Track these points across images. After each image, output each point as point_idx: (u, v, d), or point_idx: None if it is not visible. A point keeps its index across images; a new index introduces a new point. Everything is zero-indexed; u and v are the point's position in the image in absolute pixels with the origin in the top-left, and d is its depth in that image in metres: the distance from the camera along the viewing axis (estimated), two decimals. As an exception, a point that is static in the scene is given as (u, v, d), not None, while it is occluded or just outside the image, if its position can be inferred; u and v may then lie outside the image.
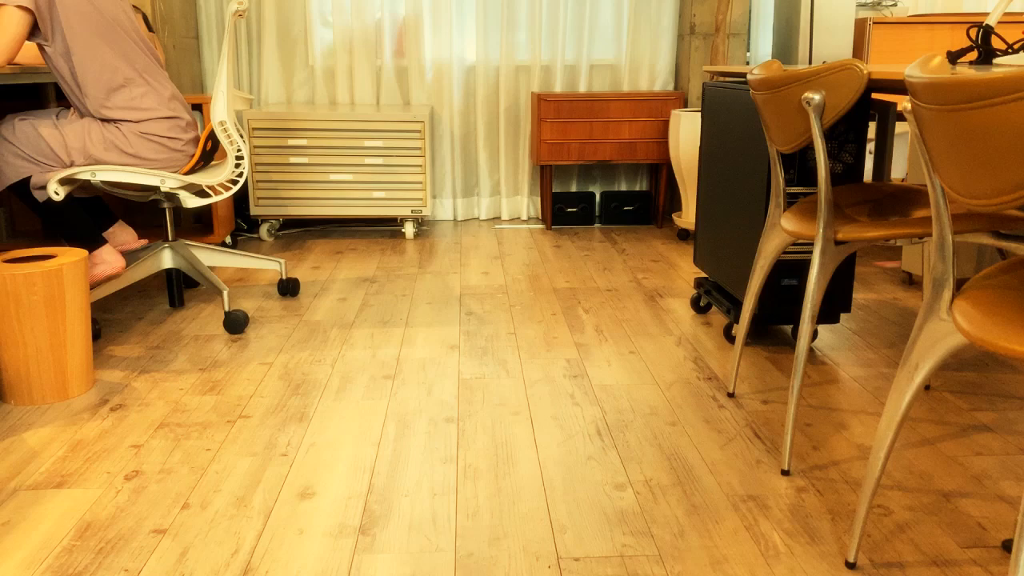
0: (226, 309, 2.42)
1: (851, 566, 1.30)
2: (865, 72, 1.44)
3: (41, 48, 2.24)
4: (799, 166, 2.09)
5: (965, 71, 0.96)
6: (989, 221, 1.47)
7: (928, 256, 1.18)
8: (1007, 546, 1.35)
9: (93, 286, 2.38)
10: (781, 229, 1.74)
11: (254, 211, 3.69)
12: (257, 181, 3.65)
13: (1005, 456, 1.66)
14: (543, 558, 1.32)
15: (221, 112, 2.36)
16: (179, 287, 2.68)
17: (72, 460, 1.65)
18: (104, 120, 2.30)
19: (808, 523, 1.42)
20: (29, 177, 2.28)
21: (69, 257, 1.96)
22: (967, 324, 1.06)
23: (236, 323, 2.41)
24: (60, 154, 2.27)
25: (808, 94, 1.50)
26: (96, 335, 2.38)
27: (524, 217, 4.18)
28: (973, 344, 1.06)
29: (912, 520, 1.43)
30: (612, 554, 1.33)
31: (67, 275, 1.92)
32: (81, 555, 1.33)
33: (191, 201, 2.40)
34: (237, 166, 2.47)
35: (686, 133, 3.50)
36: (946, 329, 1.13)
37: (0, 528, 1.41)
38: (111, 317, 2.57)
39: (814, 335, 2.36)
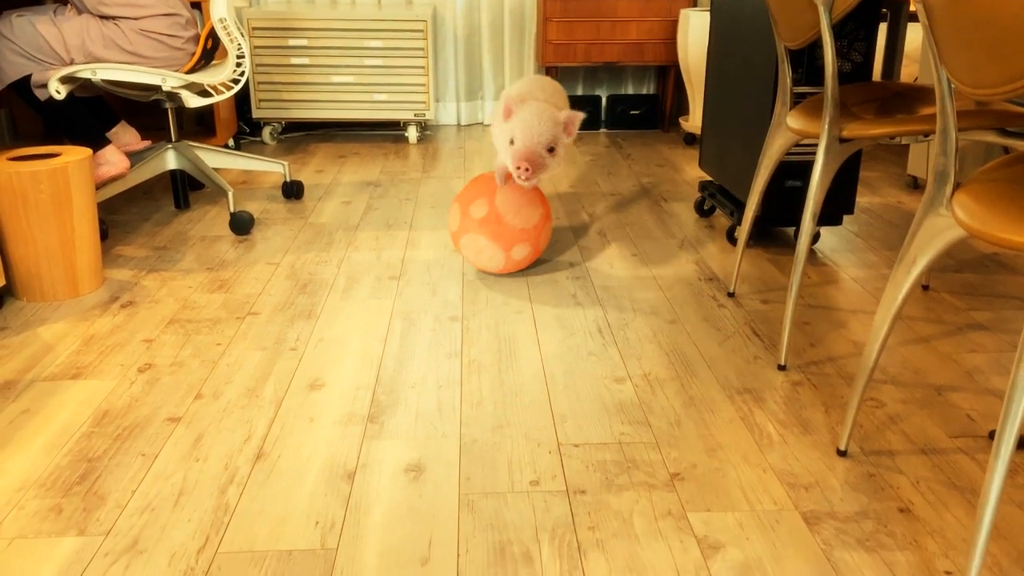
0: (231, 210, 2.43)
1: (842, 454, 1.35)
2: (877, -37, 1.40)
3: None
4: (807, 65, 2.07)
5: (977, -44, 0.94)
6: (995, 118, 1.46)
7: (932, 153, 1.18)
8: (993, 435, 1.40)
9: (98, 187, 2.39)
10: (786, 128, 1.73)
11: (256, 114, 3.65)
12: (258, 83, 3.61)
13: (998, 353, 1.69)
14: (544, 444, 1.37)
15: (221, 9, 2.32)
16: (184, 188, 2.68)
17: (86, 353, 1.69)
18: (102, 17, 2.26)
19: (802, 414, 1.47)
20: (29, 76, 2.26)
21: (74, 155, 1.97)
22: (966, 217, 1.07)
23: (242, 224, 2.42)
24: (59, 51, 2.24)
25: (818, -13, 1.47)
26: (103, 235, 2.40)
27: (529, 121, 4.14)
28: (971, 236, 1.07)
29: (903, 412, 1.47)
30: (610, 441, 1.38)
31: (72, 173, 1.93)
32: (100, 440, 1.38)
33: (193, 101, 2.39)
34: (238, 65, 2.44)
35: (695, 33, 3.43)
36: (945, 223, 1.14)
37: (21, 416, 1.46)
38: (117, 218, 2.59)
39: (816, 237, 2.37)
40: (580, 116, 1.88)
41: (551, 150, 1.86)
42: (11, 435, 1.40)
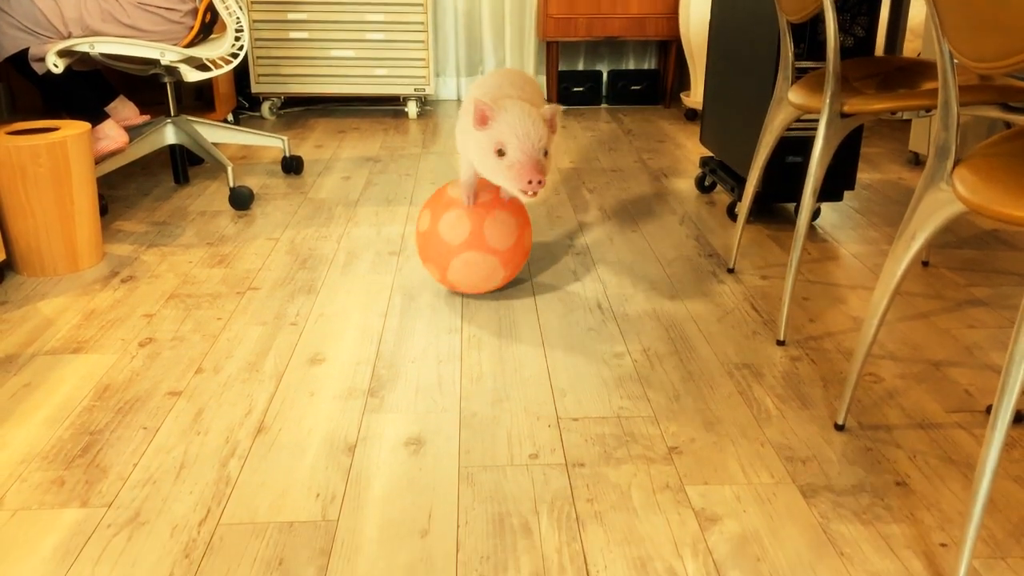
0: (231, 185, 2.42)
1: (840, 428, 1.35)
2: (881, -65, 1.39)
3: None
4: (809, 40, 2.05)
5: (981, -73, 0.93)
6: (997, 93, 1.45)
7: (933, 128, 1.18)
8: (991, 410, 1.40)
9: (97, 161, 2.38)
10: (788, 103, 1.72)
11: (255, 88, 3.64)
12: (257, 57, 3.59)
13: (997, 329, 1.69)
14: (543, 418, 1.38)
15: (218, -19, 2.30)
16: (183, 164, 2.68)
17: (87, 328, 1.69)
18: (99, -11, 2.24)
19: (800, 389, 1.47)
20: (27, 49, 2.25)
21: (73, 129, 1.96)
22: (966, 191, 1.07)
23: (241, 199, 2.42)
24: (56, 24, 2.22)
25: (821, -41, 1.46)
26: (103, 210, 2.40)
27: (529, 97, 4.12)
28: (972, 211, 1.07)
29: (901, 387, 1.48)
30: (609, 415, 1.39)
31: (71, 147, 1.92)
32: (101, 414, 1.39)
33: (192, 75, 2.37)
34: (237, 39, 2.42)
35: (697, 8, 3.40)
36: (946, 198, 1.14)
37: (22, 390, 1.46)
38: (117, 193, 2.58)
39: (817, 213, 2.37)
40: (560, 110, 1.69)
41: (545, 153, 1.61)
42: (13, 408, 1.41)
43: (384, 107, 3.95)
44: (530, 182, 1.54)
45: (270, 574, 1.04)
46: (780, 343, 1.64)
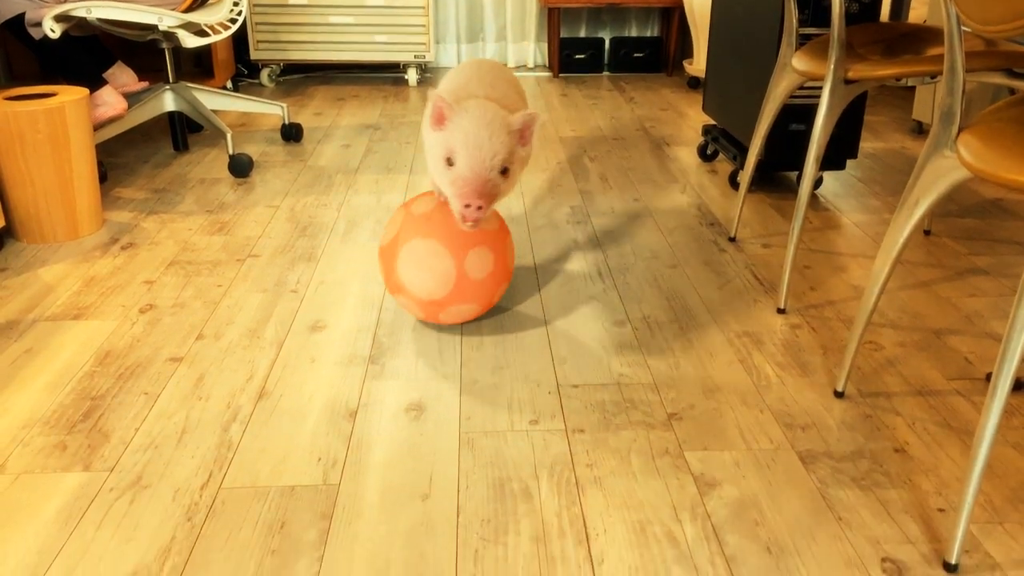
0: (230, 152, 2.41)
1: (839, 395, 1.36)
2: None
3: None
4: (813, 5, 2.03)
5: None
6: (1003, 59, 1.44)
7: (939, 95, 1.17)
8: (991, 378, 1.41)
9: (96, 128, 2.36)
10: (792, 69, 1.71)
11: (254, 55, 3.60)
12: (256, 24, 3.55)
13: (998, 297, 1.69)
14: (543, 385, 1.38)
15: (216, -55, 2.27)
16: (182, 131, 2.66)
17: (87, 294, 1.69)
18: (95, -47, 2.22)
19: (800, 357, 1.48)
20: (24, 13, 2.23)
21: (71, 95, 1.94)
22: (971, 157, 1.06)
23: (241, 166, 2.41)
24: (53, -11, 2.20)
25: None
26: (102, 177, 2.39)
27: (530, 64, 4.09)
28: (976, 177, 1.06)
29: (902, 355, 1.48)
30: (609, 382, 1.39)
31: (70, 113, 1.91)
32: (102, 379, 1.39)
33: (190, 40, 2.35)
34: (235, 4, 2.40)
35: (700, -25, 3.36)
36: (950, 164, 1.13)
37: (23, 355, 1.47)
38: (116, 161, 2.57)
39: (819, 182, 2.35)
40: (538, 118, 1.35)
41: (504, 171, 1.32)
42: (14, 374, 1.41)
43: (384, 74, 3.92)
44: (467, 206, 1.28)
45: (272, 537, 1.04)
46: (781, 311, 1.64)
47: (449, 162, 1.31)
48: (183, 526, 1.06)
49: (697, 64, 3.57)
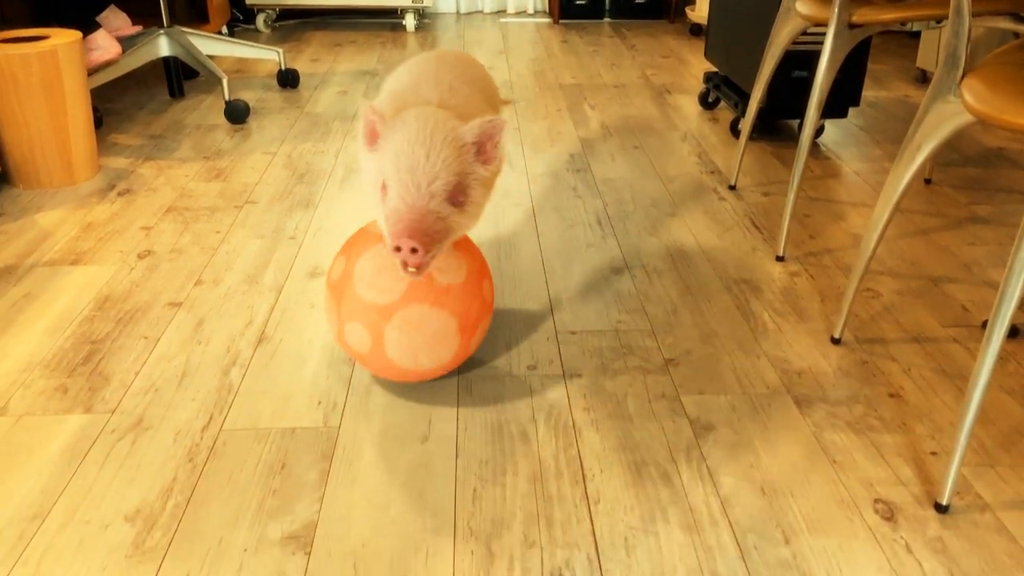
0: (226, 98, 2.39)
1: (836, 341, 1.36)
2: None
3: None
4: (820, -52, 1.99)
5: None
6: (1010, 2, 1.42)
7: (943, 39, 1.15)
8: (987, 325, 1.41)
9: (90, 72, 2.33)
10: (795, 13, 1.68)
11: (249, 0, 3.54)
12: (251, -33, 3.49)
13: (997, 246, 1.69)
14: (542, 331, 1.39)
15: None
16: (178, 77, 2.63)
17: (85, 240, 1.69)
18: None
19: (798, 304, 1.48)
20: (12, -46, 2.18)
21: (64, 38, 1.91)
22: (975, 101, 1.05)
23: (237, 112, 2.38)
24: (42, -72, 2.15)
25: None
26: (98, 123, 2.37)
27: (530, 11, 4.02)
28: (980, 121, 1.05)
29: (899, 303, 1.48)
30: (607, 328, 1.40)
31: (63, 56, 1.88)
32: (102, 324, 1.40)
33: (183, -17, 2.31)
34: (229, -55, 2.35)
35: (704, -82, 3.29)
36: (953, 109, 1.12)
37: (22, 299, 1.47)
38: (111, 107, 2.54)
39: (820, 130, 2.33)
40: (503, 126, 1.02)
41: (457, 199, 1.02)
42: (14, 318, 1.41)
43: (381, 20, 3.86)
44: (398, 249, 0.97)
45: (273, 477, 1.06)
46: (779, 259, 1.64)
47: (385, 190, 1.02)
48: (185, 466, 1.08)
49: (699, 11, 3.52)
